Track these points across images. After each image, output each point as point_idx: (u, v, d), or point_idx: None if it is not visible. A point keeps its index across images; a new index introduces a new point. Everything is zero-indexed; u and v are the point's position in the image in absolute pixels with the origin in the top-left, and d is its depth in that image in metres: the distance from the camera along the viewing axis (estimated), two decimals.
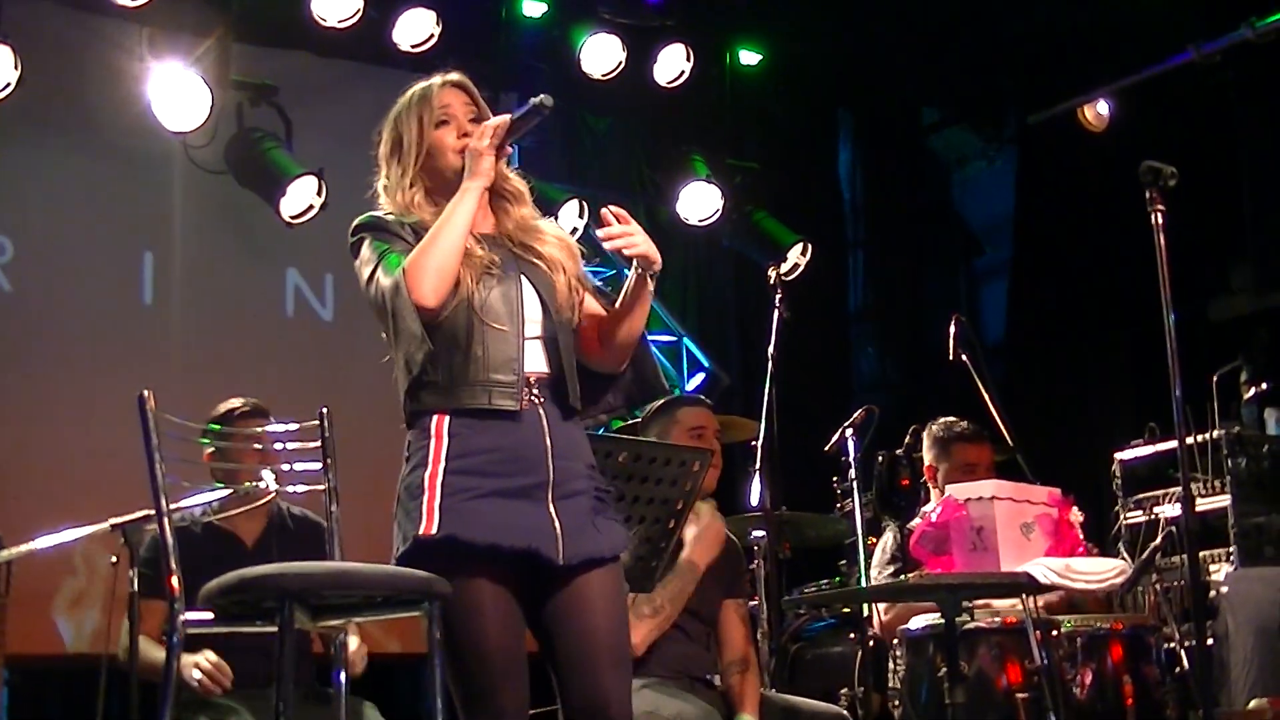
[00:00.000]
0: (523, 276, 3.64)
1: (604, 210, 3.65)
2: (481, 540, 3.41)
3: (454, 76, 3.76)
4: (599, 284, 3.83)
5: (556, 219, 3.91)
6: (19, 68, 6.59)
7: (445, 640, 3.51)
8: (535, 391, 3.56)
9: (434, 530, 3.43)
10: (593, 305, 3.74)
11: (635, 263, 3.63)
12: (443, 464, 3.48)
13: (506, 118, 3.62)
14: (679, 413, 5.24)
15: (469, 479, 3.47)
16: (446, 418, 3.52)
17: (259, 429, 4.78)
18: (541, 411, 3.55)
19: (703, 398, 5.67)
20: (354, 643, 4.84)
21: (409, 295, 3.45)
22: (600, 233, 3.67)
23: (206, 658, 4.79)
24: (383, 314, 3.54)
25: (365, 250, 3.63)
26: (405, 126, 3.73)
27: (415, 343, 3.47)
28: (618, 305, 3.70)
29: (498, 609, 3.47)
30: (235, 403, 5.28)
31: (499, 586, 3.47)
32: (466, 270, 3.53)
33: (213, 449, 4.99)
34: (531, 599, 3.54)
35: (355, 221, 3.70)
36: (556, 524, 3.48)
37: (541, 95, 3.59)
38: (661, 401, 5.32)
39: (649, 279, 3.64)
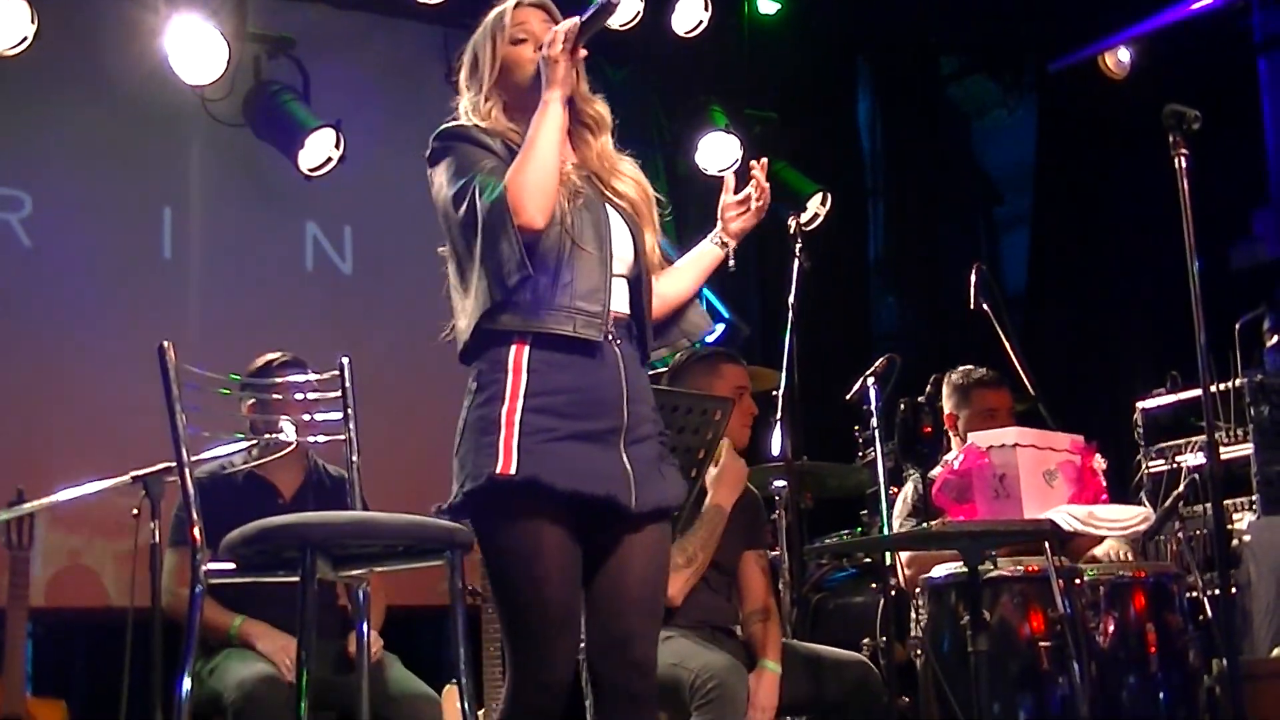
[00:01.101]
0: (611, 210, 3.55)
1: (757, 162, 3.63)
2: (564, 485, 3.31)
3: None
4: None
5: None
6: (35, 21, 6.57)
7: (499, 584, 3.43)
8: (613, 330, 3.46)
9: (512, 470, 3.30)
10: (657, 257, 3.65)
11: (722, 233, 3.65)
12: (521, 400, 3.36)
13: (575, 20, 3.47)
14: (724, 367, 5.22)
15: (549, 419, 3.35)
16: (526, 349, 3.39)
17: (284, 380, 4.78)
18: (619, 352, 3.46)
19: (738, 355, 5.66)
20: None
21: (513, 216, 3.32)
22: (731, 198, 3.66)
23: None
24: (471, 233, 3.40)
25: (450, 161, 3.50)
26: (481, 47, 3.62)
27: (513, 264, 3.32)
28: (682, 266, 3.66)
29: (562, 556, 3.38)
30: (273, 355, 5.28)
31: (568, 534, 3.38)
32: (560, 190, 3.43)
33: (253, 400, 4.98)
34: (604, 544, 3.47)
35: (439, 128, 3.57)
36: (629, 469, 3.40)
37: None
38: (703, 352, 5.31)
39: (726, 248, 3.65)
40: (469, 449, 3.38)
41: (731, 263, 3.87)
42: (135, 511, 4.92)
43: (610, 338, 3.45)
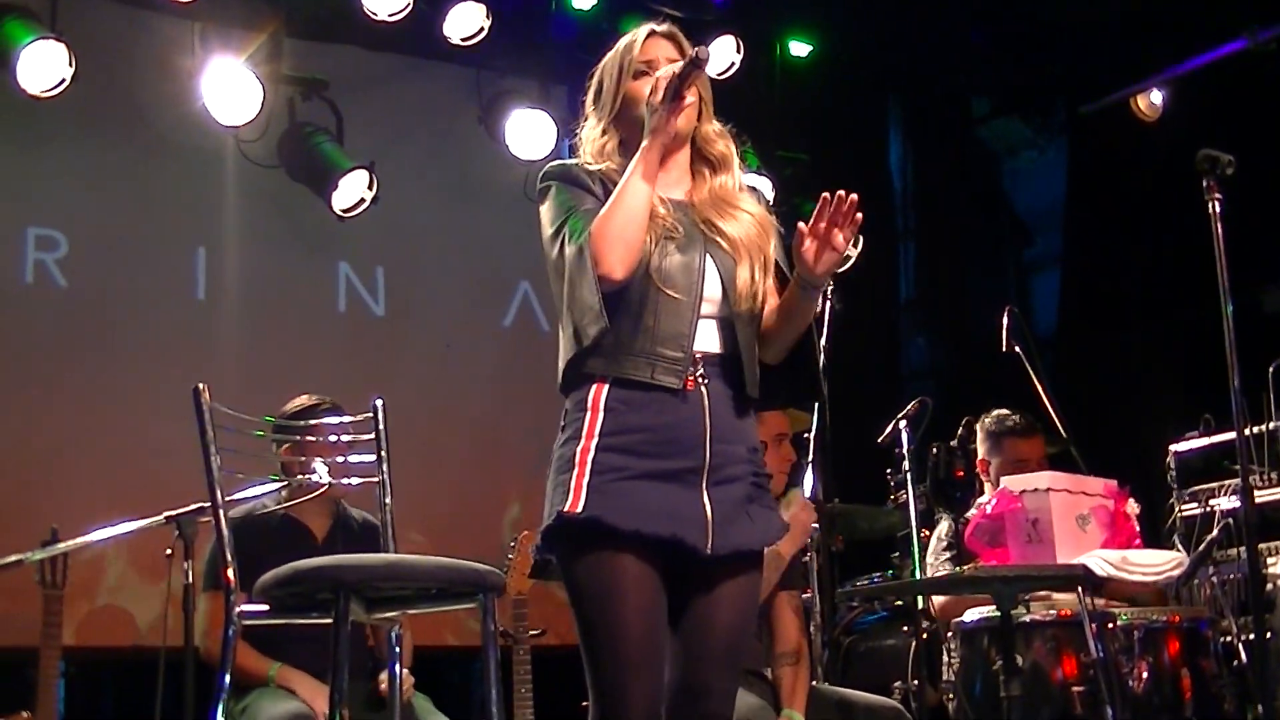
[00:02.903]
0: (707, 252, 3.49)
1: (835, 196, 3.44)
2: (626, 525, 3.29)
3: (662, 27, 3.61)
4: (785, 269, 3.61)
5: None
6: (73, 64, 6.63)
7: (579, 621, 3.39)
8: (703, 371, 3.41)
9: (579, 509, 3.30)
10: (774, 291, 3.57)
11: (800, 270, 3.43)
12: (596, 439, 3.35)
13: (674, 69, 3.45)
14: (764, 414, 5.22)
15: (621, 457, 3.34)
16: (605, 388, 3.39)
17: (318, 422, 4.79)
18: (705, 392, 3.40)
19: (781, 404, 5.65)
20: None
21: (593, 267, 3.32)
22: (806, 229, 3.43)
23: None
24: (560, 276, 3.41)
25: (551, 203, 3.50)
26: (607, 74, 3.60)
27: (591, 315, 3.32)
28: (778, 307, 3.54)
29: (640, 595, 3.34)
30: (308, 399, 5.29)
31: (644, 571, 3.34)
32: (648, 232, 3.41)
33: (288, 443, 5.01)
34: (681, 587, 3.42)
35: (545, 168, 3.58)
36: (708, 511, 3.36)
37: (698, 48, 3.46)
38: None
39: (812, 290, 3.45)
40: (551, 486, 3.39)
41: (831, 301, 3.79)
42: (169, 552, 4.93)
43: (700, 378, 3.41)
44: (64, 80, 6.65)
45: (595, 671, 3.36)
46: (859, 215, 3.44)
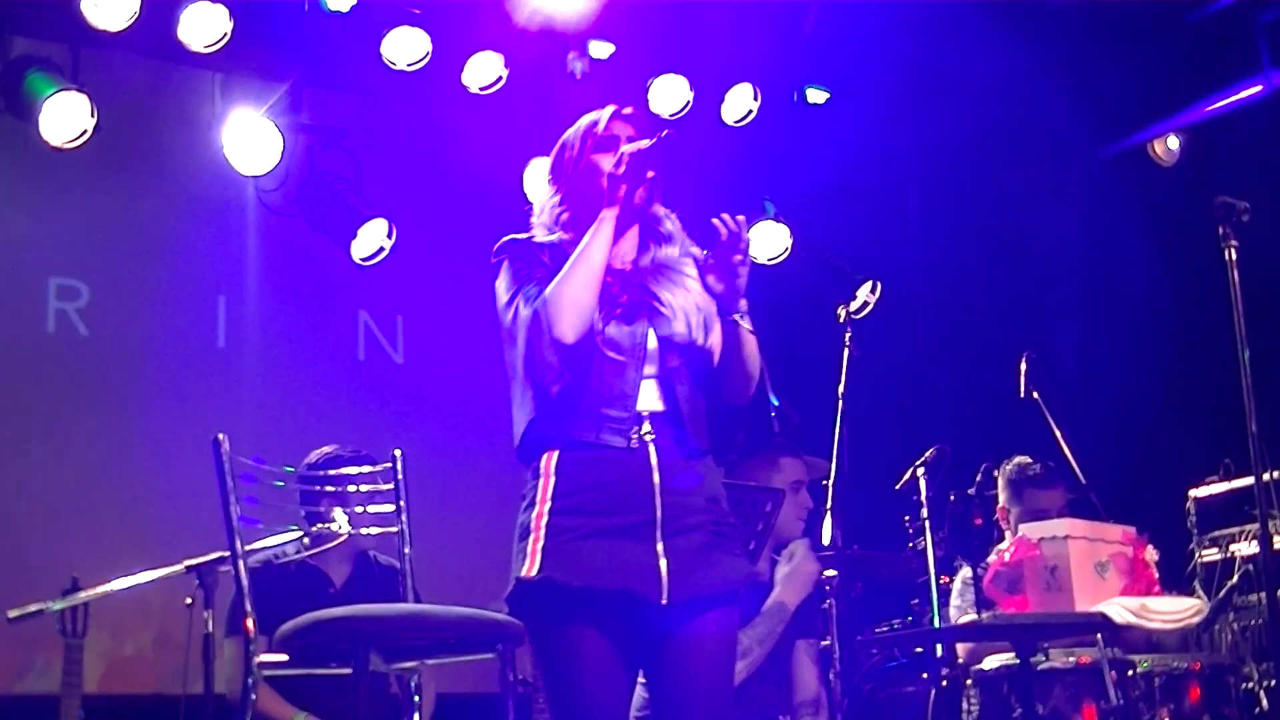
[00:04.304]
0: (648, 317, 3.60)
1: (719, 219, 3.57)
2: (578, 583, 3.39)
3: (628, 109, 3.77)
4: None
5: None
6: (95, 115, 6.68)
7: (545, 683, 3.49)
8: (649, 428, 3.52)
9: (534, 572, 3.42)
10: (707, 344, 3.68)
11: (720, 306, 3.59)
12: (549, 503, 3.47)
13: (642, 144, 3.59)
14: (782, 460, 5.26)
15: (574, 518, 3.45)
16: (555, 454, 3.51)
17: (338, 472, 4.81)
18: (653, 448, 3.51)
19: (797, 447, 5.66)
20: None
21: (548, 329, 3.44)
22: (703, 252, 3.61)
23: None
24: (514, 343, 3.55)
25: (505, 274, 3.64)
26: (569, 146, 3.74)
27: (551, 374, 3.48)
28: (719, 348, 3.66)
29: (598, 654, 3.44)
30: (331, 450, 5.31)
31: (599, 627, 3.44)
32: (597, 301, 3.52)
33: (309, 492, 5.03)
34: (643, 638, 3.49)
35: (500, 242, 3.70)
36: (662, 562, 3.44)
37: (666, 130, 3.59)
38: (762, 442, 5.34)
39: (728, 319, 3.60)
40: (514, 555, 3.50)
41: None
42: (189, 601, 4.94)
43: (646, 435, 3.51)
44: (86, 131, 6.69)
45: None
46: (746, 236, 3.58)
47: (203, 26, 6.82)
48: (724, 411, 3.73)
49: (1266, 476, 4.69)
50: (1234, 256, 4.38)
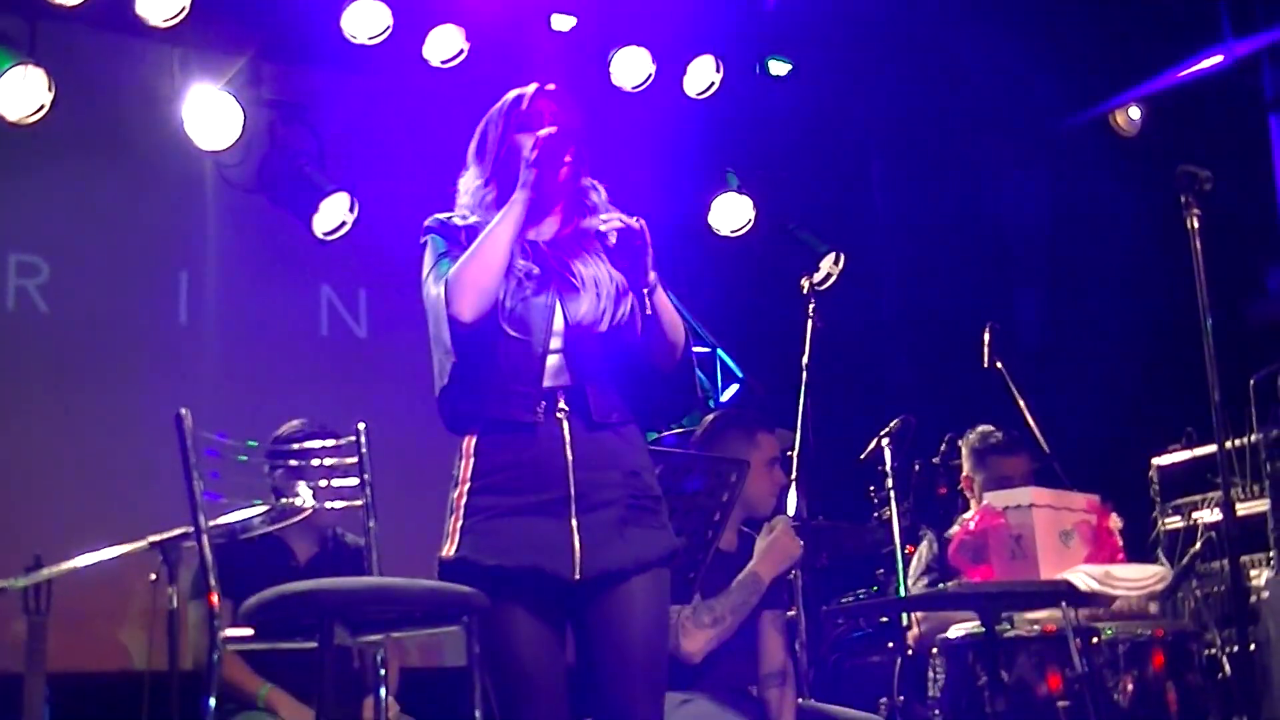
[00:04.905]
0: (558, 289, 3.62)
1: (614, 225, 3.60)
2: (490, 561, 3.46)
3: (551, 86, 3.77)
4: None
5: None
6: (52, 89, 6.64)
7: (482, 656, 3.57)
8: (562, 403, 3.55)
9: (452, 552, 3.51)
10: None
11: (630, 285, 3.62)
12: (468, 484, 3.55)
13: (551, 130, 3.61)
14: (760, 437, 5.24)
15: (490, 497, 3.51)
16: (475, 437, 3.57)
17: (301, 446, 4.79)
18: (566, 424, 3.54)
19: (773, 426, 5.66)
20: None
21: (444, 308, 3.49)
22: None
23: None
24: (428, 319, 3.60)
25: (429, 251, 3.68)
26: (492, 126, 3.76)
27: (444, 353, 3.54)
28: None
29: (526, 626, 3.50)
30: (298, 424, 5.31)
31: (521, 603, 3.50)
32: (505, 277, 3.56)
33: (275, 467, 5.02)
34: (562, 614, 3.55)
35: (426, 221, 3.75)
36: (575, 538, 3.48)
37: (569, 117, 3.63)
38: (735, 416, 5.33)
39: (645, 295, 3.59)
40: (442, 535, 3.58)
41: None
42: (153, 577, 4.95)
43: (557, 411, 3.55)
44: (43, 106, 6.66)
45: (500, 700, 3.55)
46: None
47: (161, 0, 6.78)
48: (648, 380, 3.71)
49: (1229, 444, 4.73)
50: (1196, 225, 4.39)
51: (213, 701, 3.79)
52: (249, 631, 3.73)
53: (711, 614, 4.85)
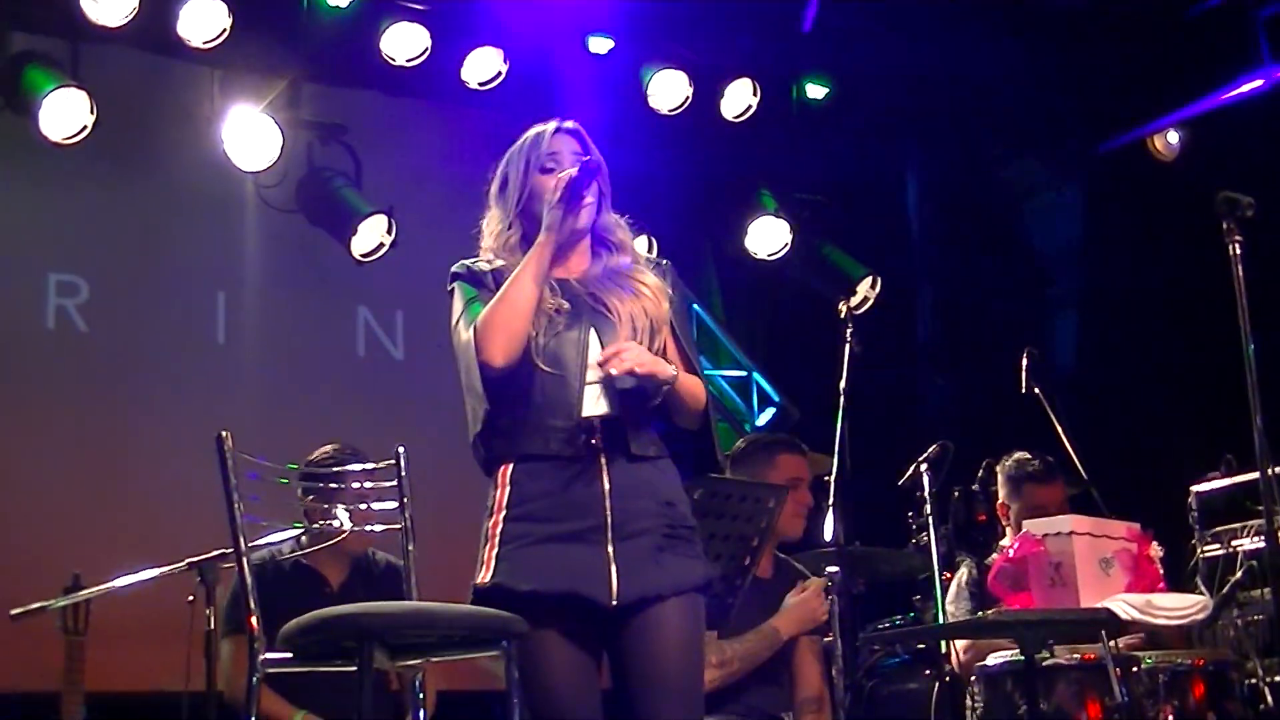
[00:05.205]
0: (591, 323, 3.65)
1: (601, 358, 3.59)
2: (525, 587, 3.48)
3: (568, 124, 3.79)
4: (686, 340, 3.79)
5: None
6: (94, 111, 6.68)
7: (521, 681, 3.58)
8: (598, 434, 3.57)
9: (487, 579, 3.53)
10: (673, 357, 3.74)
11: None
12: (504, 512, 3.57)
13: (571, 173, 3.64)
14: (780, 457, 5.25)
15: (525, 525, 3.53)
16: (510, 465, 3.59)
17: (340, 469, 4.80)
18: (602, 455, 3.56)
19: (801, 444, 5.66)
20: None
21: (475, 354, 3.53)
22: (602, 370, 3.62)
23: None
24: (459, 363, 3.63)
25: (455, 298, 3.71)
26: (513, 168, 3.78)
27: (477, 399, 3.57)
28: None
29: (558, 650, 3.53)
30: (331, 448, 5.31)
31: (557, 629, 3.53)
32: (536, 317, 3.58)
33: (311, 491, 5.02)
34: (598, 640, 3.57)
35: (452, 267, 3.78)
36: (612, 565, 3.50)
37: (587, 158, 3.66)
38: (764, 439, 5.34)
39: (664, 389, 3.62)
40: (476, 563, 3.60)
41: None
42: (191, 598, 4.95)
43: (594, 442, 3.57)
44: (85, 127, 6.70)
45: None
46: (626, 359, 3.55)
47: (202, 22, 6.83)
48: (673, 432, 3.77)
49: (1270, 471, 4.69)
50: (1238, 251, 4.36)
51: None
52: (288, 655, 3.73)
53: (720, 655, 4.86)
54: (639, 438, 3.62)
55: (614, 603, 3.49)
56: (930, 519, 5.46)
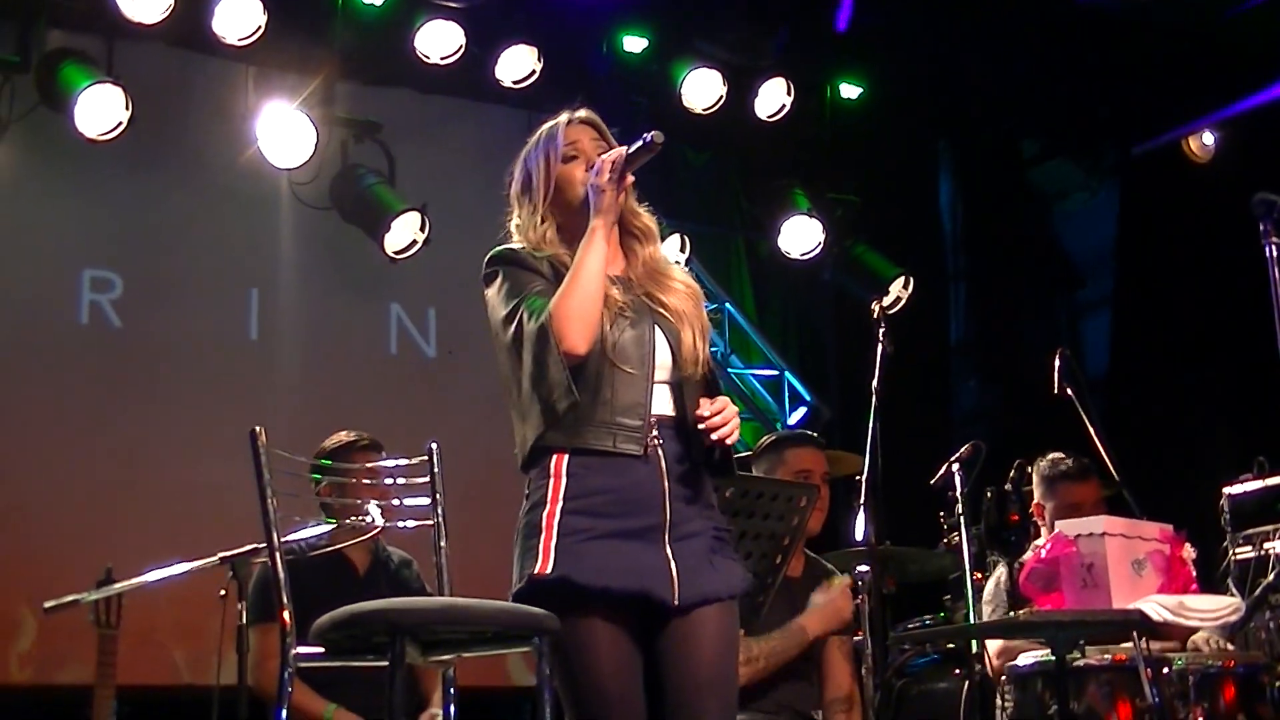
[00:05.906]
0: (655, 323, 3.62)
1: (701, 410, 3.56)
2: (594, 583, 3.42)
3: (581, 113, 3.76)
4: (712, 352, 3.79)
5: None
6: (130, 108, 6.72)
7: (562, 677, 3.52)
8: (658, 433, 3.55)
9: (549, 570, 3.44)
10: (700, 354, 3.70)
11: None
12: (560, 504, 3.49)
13: (622, 150, 3.61)
14: (786, 453, 5.24)
15: (585, 519, 3.47)
16: (566, 457, 3.52)
17: (371, 463, 4.81)
18: (662, 453, 3.54)
19: (812, 435, 5.66)
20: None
21: (557, 343, 3.45)
22: (702, 425, 3.57)
23: None
24: (518, 355, 3.54)
25: (501, 285, 3.63)
26: (534, 164, 3.73)
27: (561, 390, 3.46)
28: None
29: (613, 647, 3.48)
30: (347, 436, 5.34)
31: (613, 625, 3.48)
32: (605, 313, 3.54)
33: (331, 483, 5.04)
34: (647, 636, 3.54)
35: (490, 253, 3.70)
36: (672, 565, 3.48)
37: (653, 132, 3.59)
38: (771, 438, 5.34)
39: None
40: (519, 553, 3.54)
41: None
42: (223, 593, 4.96)
43: (656, 440, 3.54)
44: (120, 124, 6.73)
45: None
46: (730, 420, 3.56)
47: (237, 19, 6.87)
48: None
49: None
50: (1274, 253, 4.35)
51: (285, 714, 3.78)
52: (319, 650, 3.73)
53: (747, 653, 4.84)
54: (694, 440, 3.60)
55: (676, 603, 3.47)
56: (962, 519, 5.44)
